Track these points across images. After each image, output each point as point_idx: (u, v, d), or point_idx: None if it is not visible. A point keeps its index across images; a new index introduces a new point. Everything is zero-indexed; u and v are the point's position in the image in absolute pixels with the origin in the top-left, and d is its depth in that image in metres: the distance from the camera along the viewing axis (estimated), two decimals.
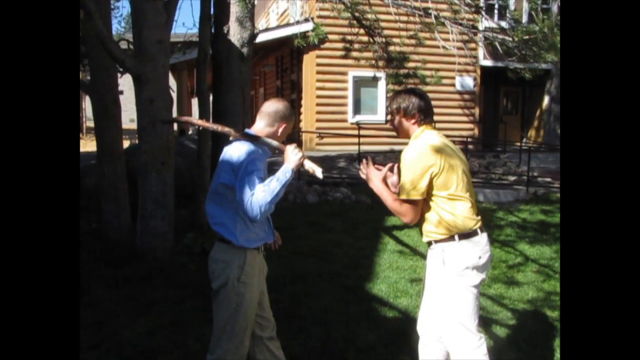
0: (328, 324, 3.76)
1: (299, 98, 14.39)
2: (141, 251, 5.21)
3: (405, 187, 2.41)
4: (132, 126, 10.14)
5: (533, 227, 7.38)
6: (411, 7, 5.40)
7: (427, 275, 2.61)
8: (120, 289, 4.46)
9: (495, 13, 11.86)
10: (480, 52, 14.05)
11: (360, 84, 13.84)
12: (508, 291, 4.67)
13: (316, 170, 2.36)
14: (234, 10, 6.41)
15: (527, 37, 5.75)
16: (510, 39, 5.81)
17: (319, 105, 13.71)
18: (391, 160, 2.72)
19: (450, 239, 2.44)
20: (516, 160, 12.32)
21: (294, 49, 13.97)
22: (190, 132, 13.94)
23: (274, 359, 2.66)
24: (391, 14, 5.68)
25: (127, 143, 13.96)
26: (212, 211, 2.50)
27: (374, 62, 7.48)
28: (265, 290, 2.63)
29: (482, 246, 2.47)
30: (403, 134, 2.58)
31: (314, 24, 10.68)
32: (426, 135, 2.50)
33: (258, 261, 2.54)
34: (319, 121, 13.65)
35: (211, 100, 6.96)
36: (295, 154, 2.37)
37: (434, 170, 2.38)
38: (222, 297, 2.46)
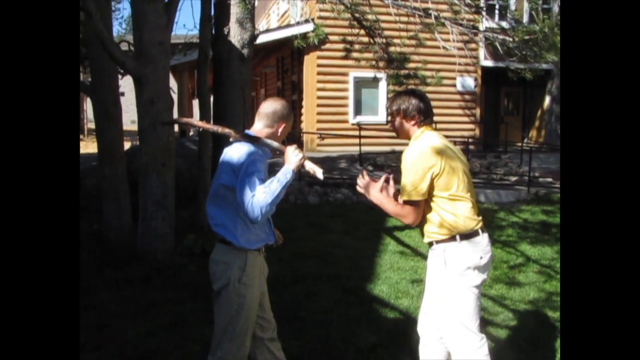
0: (329, 325, 3.75)
1: (299, 99, 14.39)
2: (142, 252, 5.22)
3: (406, 188, 2.41)
4: (133, 128, 10.14)
5: (534, 227, 7.37)
6: (411, 8, 5.40)
7: (427, 275, 2.61)
8: (121, 290, 4.47)
9: (496, 13, 11.85)
10: (481, 52, 14.05)
11: (361, 84, 13.82)
12: (509, 292, 4.66)
13: (317, 171, 2.36)
14: (234, 12, 6.41)
15: (528, 37, 5.75)
16: (511, 39, 5.81)
17: (319, 106, 13.71)
18: (392, 161, 2.73)
19: (452, 239, 2.44)
20: (517, 161, 12.31)
21: (294, 50, 13.98)
22: (191, 133, 13.94)
23: None
24: (391, 14, 5.68)
25: (128, 144, 13.96)
26: (212, 212, 2.49)
27: (374, 62, 7.49)
28: (265, 291, 2.63)
29: (483, 246, 2.47)
30: (403, 135, 2.59)
31: (314, 25, 10.70)
32: (426, 136, 2.51)
33: (259, 262, 2.54)
34: (319, 122, 13.64)
35: (212, 101, 6.97)
36: (295, 155, 2.36)
37: (435, 171, 2.39)
38: (223, 298, 2.45)
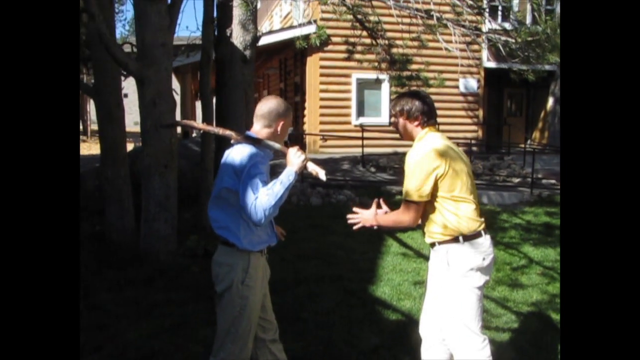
0: (331, 327, 3.75)
1: (302, 100, 14.39)
2: (144, 253, 5.22)
3: (409, 190, 2.41)
4: (136, 129, 10.16)
5: (537, 229, 7.34)
6: (413, 9, 5.39)
7: (429, 276, 2.60)
8: (123, 291, 4.47)
9: (499, 14, 11.84)
10: (483, 53, 14.04)
11: (364, 86, 13.83)
12: (512, 294, 4.65)
13: (319, 172, 2.35)
14: (237, 13, 6.42)
15: (531, 38, 5.74)
16: (514, 40, 5.79)
17: (322, 107, 13.71)
18: (394, 163, 2.73)
19: (454, 240, 2.44)
20: (520, 162, 12.29)
21: (297, 52, 13.98)
22: (194, 134, 13.97)
23: None
24: (393, 16, 5.67)
25: (131, 146, 14.01)
26: (215, 215, 2.48)
27: (377, 64, 7.49)
28: (267, 293, 2.63)
29: (485, 248, 2.47)
30: (406, 136, 2.59)
31: (317, 27, 10.68)
32: (429, 137, 2.50)
33: (261, 264, 2.54)
34: (322, 123, 13.65)
35: (214, 102, 6.98)
36: (298, 156, 2.36)
37: (439, 173, 2.39)
38: (226, 300, 2.45)
